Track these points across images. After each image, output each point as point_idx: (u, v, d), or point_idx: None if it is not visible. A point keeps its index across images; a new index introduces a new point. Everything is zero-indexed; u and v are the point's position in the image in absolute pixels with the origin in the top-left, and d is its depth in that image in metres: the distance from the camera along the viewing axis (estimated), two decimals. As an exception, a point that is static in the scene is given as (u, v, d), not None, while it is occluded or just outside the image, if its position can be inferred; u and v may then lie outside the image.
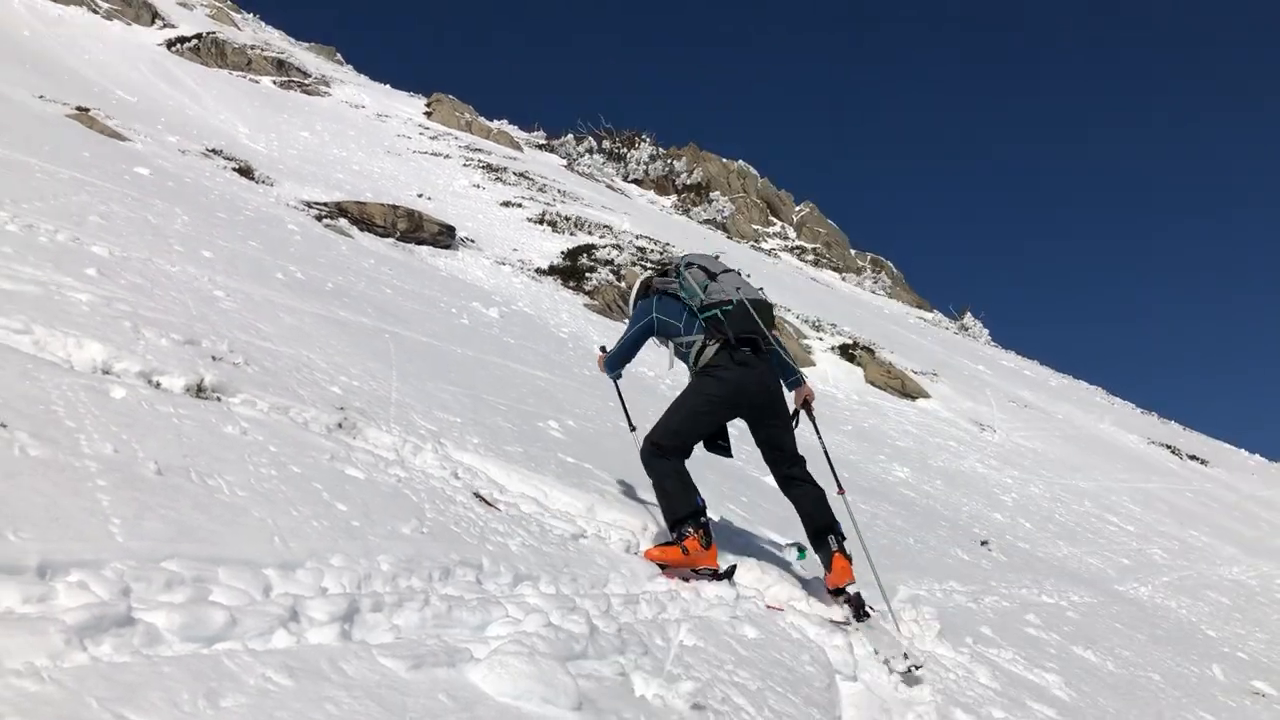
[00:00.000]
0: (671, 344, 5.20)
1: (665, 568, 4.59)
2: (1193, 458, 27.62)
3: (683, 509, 4.74)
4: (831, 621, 4.74)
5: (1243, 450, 34.77)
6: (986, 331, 46.30)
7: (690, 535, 4.68)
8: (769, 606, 4.70)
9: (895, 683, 4.32)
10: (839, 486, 5.56)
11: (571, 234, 24.62)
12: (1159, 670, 7.15)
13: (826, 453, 5.78)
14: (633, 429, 5.64)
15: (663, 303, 5.19)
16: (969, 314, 47.63)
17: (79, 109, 17.69)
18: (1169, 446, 28.10)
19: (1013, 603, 7.51)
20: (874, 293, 49.88)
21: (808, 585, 5.35)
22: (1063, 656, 6.32)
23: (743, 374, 4.98)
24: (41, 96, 18.04)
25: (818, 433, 5.69)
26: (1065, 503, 15.69)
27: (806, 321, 26.06)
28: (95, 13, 37.43)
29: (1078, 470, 19.45)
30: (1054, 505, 15.15)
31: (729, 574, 4.83)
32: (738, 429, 5.37)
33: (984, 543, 9.92)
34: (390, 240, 18.06)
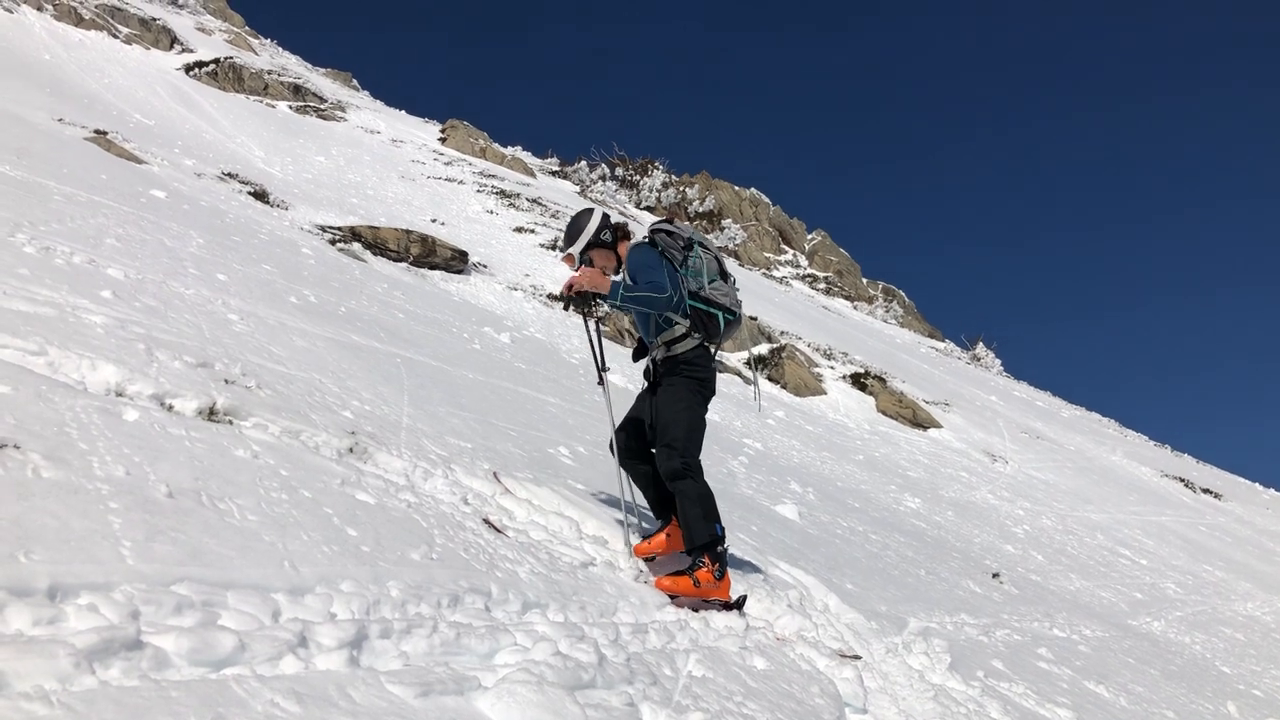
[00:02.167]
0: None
1: (675, 597, 4.57)
2: (1206, 491, 27.41)
3: (700, 537, 4.71)
4: (841, 654, 4.71)
5: (1257, 484, 34.51)
6: (999, 362, 46.12)
7: (703, 566, 4.66)
8: (778, 637, 4.67)
9: (905, 716, 4.28)
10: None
11: (584, 260, 24.61)
12: (1172, 707, 7.06)
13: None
14: (606, 369, 5.20)
15: (665, 262, 4.87)
16: (981, 344, 47.45)
17: (97, 132, 17.87)
18: (1182, 480, 27.90)
19: (1024, 636, 7.45)
20: (886, 321, 49.82)
21: (818, 617, 5.31)
22: (1075, 691, 6.26)
23: (714, 372, 5.04)
24: (61, 120, 18.23)
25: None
26: (1077, 535, 15.58)
27: (818, 350, 26.04)
28: (115, 37, 37.86)
29: (1090, 503, 19.33)
30: (1066, 538, 15.04)
31: (739, 604, 4.81)
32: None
33: (996, 575, 9.85)
34: (403, 265, 18.14)
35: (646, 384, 5.16)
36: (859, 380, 23.56)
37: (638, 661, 3.37)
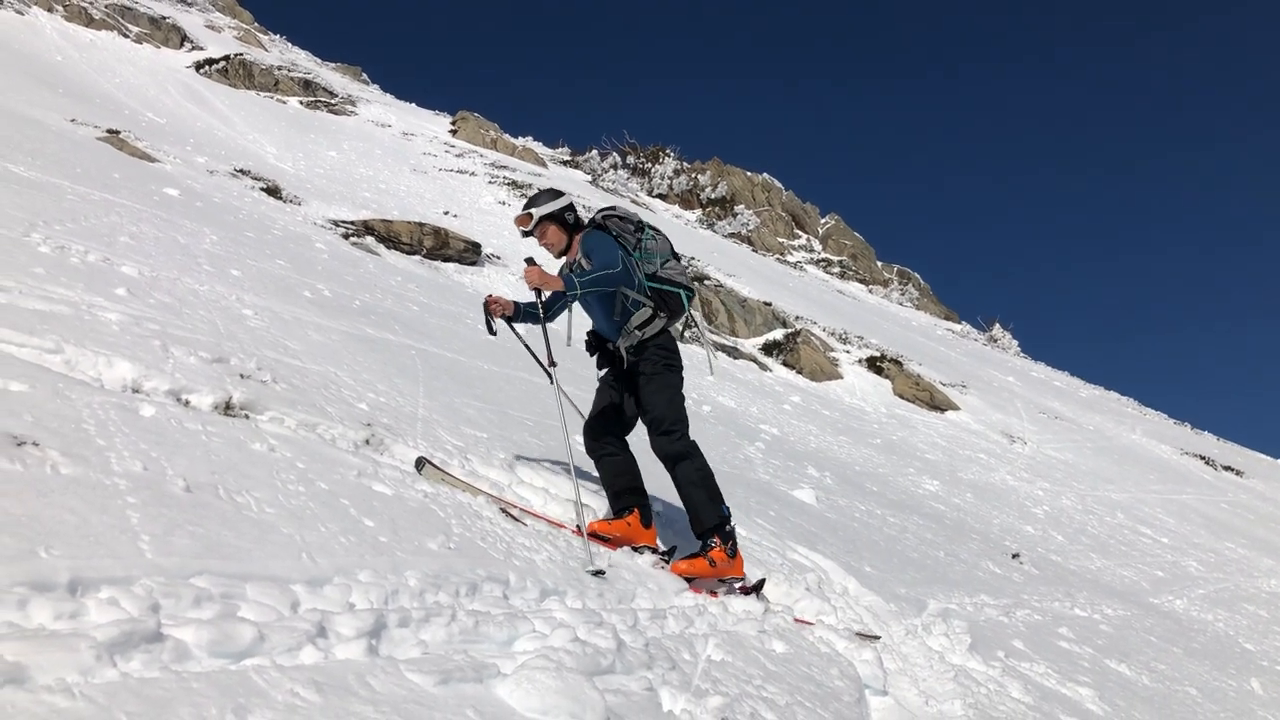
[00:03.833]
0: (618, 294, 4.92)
1: (692, 580, 4.58)
2: (1227, 468, 27.23)
3: (710, 519, 4.74)
4: (861, 635, 4.71)
5: (1279, 461, 34.26)
6: (1015, 343, 45.88)
7: (716, 546, 4.68)
8: (797, 621, 4.67)
9: (925, 697, 4.28)
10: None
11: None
12: (1195, 684, 7.04)
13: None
14: (553, 364, 5.03)
15: (619, 246, 4.89)
16: (997, 325, 47.21)
17: (109, 132, 17.93)
18: (1203, 457, 27.72)
19: (1045, 616, 7.43)
20: (901, 304, 49.60)
21: (837, 600, 5.31)
22: (1096, 670, 6.24)
23: (678, 348, 5.11)
24: (73, 120, 18.30)
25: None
26: (1097, 515, 15.51)
27: (833, 334, 25.97)
28: (125, 37, 37.96)
29: (1110, 482, 19.24)
30: (1086, 517, 14.98)
31: (758, 587, 4.81)
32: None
33: (1015, 556, 9.82)
34: (417, 257, 18.17)
35: (606, 371, 5.19)
36: (875, 364, 23.49)
37: (656, 647, 3.38)
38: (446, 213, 24.03)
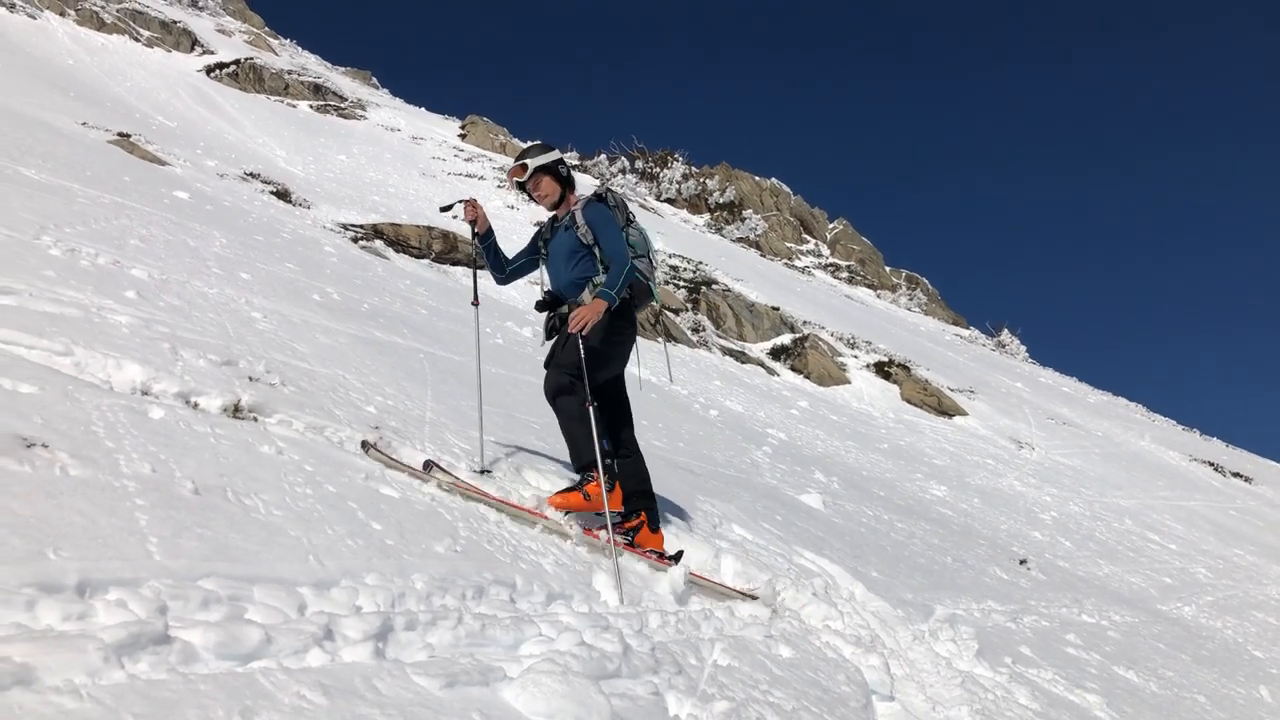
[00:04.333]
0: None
1: (568, 513, 4.58)
2: (1236, 475, 27.12)
3: (588, 453, 4.73)
4: (740, 593, 4.68)
5: (1288, 467, 34.10)
6: (1024, 348, 45.79)
7: (593, 480, 4.68)
8: (804, 623, 4.66)
9: (932, 703, 4.27)
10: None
11: (605, 253, 24.57)
12: (1204, 692, 7.01)
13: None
14: (591, 404, 5.06)
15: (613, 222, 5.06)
16: (1006, 330, 47.13)
17: (120, 135, 18.01)
18: (1211, 463, 27.62)
19: (1052, 622, 7.40)
20: (909, 310, 49.55)
21: (843, 605, 5.30)
22: (1104, 677, 6.22)
23: (635, 323, 5.17)
24: (84, 123, 18.38)
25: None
26: (1105, 521, 15.46)
27: (841, 339, 25.94)
28: (137, 40, 38.14)
29: (1118, 488, 19.17)
30: (1094, 523, 14.94)
31: (676, 558, 4.80)
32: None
33: (1023, 561, 9.79)
34: (425, 261, 18.21)
35: (551, 333, 5.20)
36: (883, 369, 23.46)
37: (663, 651, 3.38)
38: (455, 217, 24.07)
